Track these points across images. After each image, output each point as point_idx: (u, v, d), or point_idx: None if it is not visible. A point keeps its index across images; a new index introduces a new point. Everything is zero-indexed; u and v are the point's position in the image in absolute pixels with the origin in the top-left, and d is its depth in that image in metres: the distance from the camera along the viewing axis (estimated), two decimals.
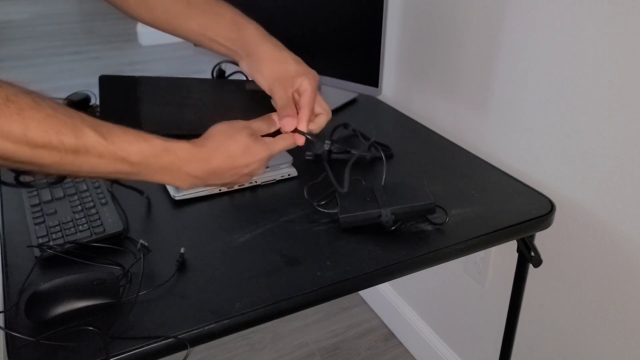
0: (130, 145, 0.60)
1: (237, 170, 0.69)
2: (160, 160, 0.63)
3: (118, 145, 0.59)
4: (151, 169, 0.63)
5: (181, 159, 0.64)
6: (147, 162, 0.62)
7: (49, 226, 0.83)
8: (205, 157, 0.67)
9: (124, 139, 0.60)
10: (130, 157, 0.60)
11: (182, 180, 0.66)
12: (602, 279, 0.97)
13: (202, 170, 0.67)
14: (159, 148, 0.63)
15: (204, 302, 0.72)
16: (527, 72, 1.02)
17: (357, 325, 1.73)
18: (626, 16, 0.83)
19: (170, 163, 0.64)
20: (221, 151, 0.68)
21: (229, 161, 0.68)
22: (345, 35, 1.17)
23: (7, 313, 0.69)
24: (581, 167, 0.96)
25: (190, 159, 0.65)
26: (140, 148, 0.61)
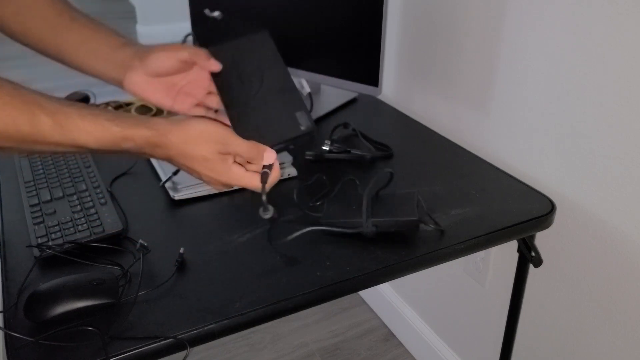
0: (87, 135, 0.61)
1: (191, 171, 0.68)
2: (119, 147, 0.63)
3: (76, 134, 0.60)
4: (112, 152, 0.64)
5: (139, 145, 0.64)
6: (105, 148, 0.63)
7: (48, 226, 0.83)
8: (162, 144, 0.65)
9: (82, 127, 0.60)
10: (88, 144, 0.61)
11: (149, 156, 0.67)
12: (602, 279, 0.96)
13: (160, 154, 0.66)
14: (118, 137, 0.62)
15: (204, 302, 0.72)
16: (527, 72, 1.02)
17: (357, 325, 1.73)
18: (626, 16, 0.83)
19: (128, 149, 0.64)
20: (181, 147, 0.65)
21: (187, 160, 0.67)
22: (345, 35, 1.16)
23: (6, 313, 0.69)
24: (581, 167, 0.96)
25: (148, 145, 0.64)
26: (98, 137, 0.61)
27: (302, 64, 1.25)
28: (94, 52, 0.71)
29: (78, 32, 0.72)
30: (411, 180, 1.00)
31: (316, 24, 1.20)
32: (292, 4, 1.22)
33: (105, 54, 0.71)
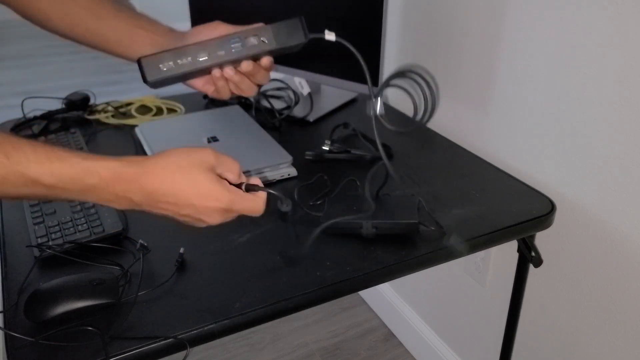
0: (40, 166, 0.53)
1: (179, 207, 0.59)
2: (80, 182, 0.55)
3: (24, 165, 0.52)
4: (71, 190, 0.55)
5: (105, 180, 0.56)
6: (63, 184, 0.54)
7: (48, 226, 0.83)
8: (141, 179, 0.57)
9: (34, 159, 0.53)
10: (41, 178, 0.53)
11: (111, 201, 0.57)
12: (602, 279, 0.96)
13: (136, 193, 0.57)
14: (77, 169, 0.54)
15: (204, 302, 0.72)
16: (527, 72, 1.02)
17: (357, 325, 1.73)
18: (626, 16, 0.83)
19: (93, 186, 0.55)
20: (164, 177, 0.58)
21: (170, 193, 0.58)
22: (345, 35, 1.16)
23: (6, 313, 0.69)
24: (581, 167, 0.96)
25: (117, 179, 0.56)
26: (54, 169, 0.53)
27: (302, 64, 1.25)
28: (140, 38, 0.72)
29: (123, 21, 0.73)
30: (411, 180, 1.00)
31: (316, 24, 1.20)
32: (292, 4, 1.22)
33: (150, 40, 0.72)
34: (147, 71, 0.67)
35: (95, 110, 1.29)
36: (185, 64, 0.68)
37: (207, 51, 0.68)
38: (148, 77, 0.67)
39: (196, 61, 0.68)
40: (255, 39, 0.71)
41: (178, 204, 0.59)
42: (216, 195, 0.60)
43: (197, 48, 0.68)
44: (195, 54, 0.68)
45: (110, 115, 1.27)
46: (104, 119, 1.25)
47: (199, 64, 0.68)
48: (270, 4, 1.24)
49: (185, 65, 0.68)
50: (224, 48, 0.69)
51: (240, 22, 1.39)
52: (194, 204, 0.59)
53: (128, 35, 0.72)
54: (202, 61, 0.68)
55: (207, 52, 0.68)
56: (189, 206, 0.59)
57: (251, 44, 0.71)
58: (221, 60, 0.69)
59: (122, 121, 1.24)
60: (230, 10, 1.32)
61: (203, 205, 0.59)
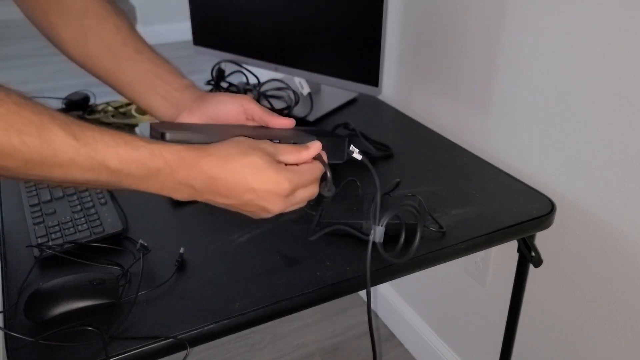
0: (107, 148, 0.52)
1: (238, 193, 0.58)
2: (144, 166, 0.54)
3: (92, 146, 0.51)
4: (134, 176, 0.54)
5: (170, 164, 0.55)
6: (128, 168, 0.53)
7: (48, 226, 0.83)
8: (202, 164, 0.56)
9: (101, 139, 0.52)
10: (107, 161, 0.52)
11: (173, 189, 0.56)
12: (602, 279, 0.96)
13: (197, 179, 0.56)
14: (143, 152, 0.53)
15: (204, 302, 0.72)
16: (527, 72, 1.02)
17: (357, 325, 1.73)
18: (627, 16, 0.83)
19: (157, 170, 0.54)
20: (224, 162, 0.57)
21: (230, 177, 0.57)
22: (345, 35, 1.16)
23: (6, 313, 0.69)
24: (581, 167, 0.96)
25: (182, 164, 0.55)
26: (120, 152, 0.52)
27: (302, 64, 1.25)
28: (153, 88, 0.68)
29: (142, 65, 0.69)
30: (411, 180, 1.00)
31: (316, 23, 1.20)
32: (292, 4, 1.22)
33: (165, 92, 0.69)
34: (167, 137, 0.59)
35: (95, 110, 1.29)
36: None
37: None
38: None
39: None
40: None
41: (238, 189, 0.57)
42: (275, 179, 0.57)
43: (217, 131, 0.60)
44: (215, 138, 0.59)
45: (110, 115, 1.27)
46: (104, 119, 1.25)
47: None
48: (270, 4, 1.24)
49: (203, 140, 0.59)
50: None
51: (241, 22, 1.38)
52: (253, 188, 0.57)
53: (142, 83, 0.69)
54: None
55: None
56: (249, 191, 0.57)
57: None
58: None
59: (122, 121, 1.24)
60: (230, 10, 1.32)
61: (263, 189, 0.57)
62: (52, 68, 3.66)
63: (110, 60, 0.69)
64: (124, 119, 1.26)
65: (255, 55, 1.32)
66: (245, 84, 1.39)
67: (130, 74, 0.69)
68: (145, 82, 0.68)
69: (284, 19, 1.24)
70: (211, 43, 1.40)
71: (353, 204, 0.86)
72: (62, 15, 0.69)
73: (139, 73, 0.69)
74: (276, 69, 1.30)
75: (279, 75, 1.39)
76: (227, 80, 1.38)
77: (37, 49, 3.94)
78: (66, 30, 0.69)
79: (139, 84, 0.69)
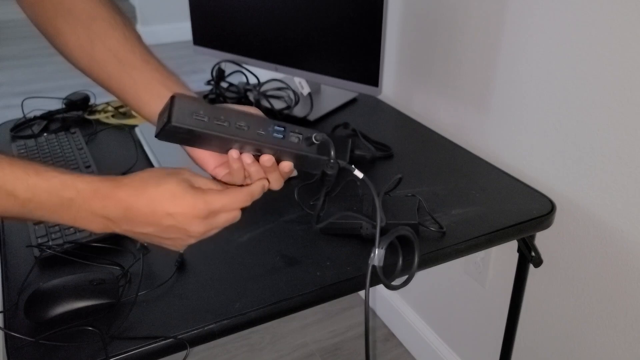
0: (16, 180, 0.52)
1: (156, 219, 0.57)
2: (56, 196, 0.54)
3: (1, 178, 0.52)
4: (45, 206, 0.54)
5: (83, 194, 0.55)
6: (39, 198, 0.53)
7: (48, 226, 0.83)
8: (117, 193, 0.56)
9: (10, 172, 0.52)
10: (16, 191, 0.52)
11: (87, 220, 0.56)
12: (602, 279, 0.96)
13: (111, 210, 0.56)
14: (54, 182, 0.54)
15: (204, 302, 0.72)
16: (527, 72, 1.02)
17: (357, 325, 1.73)
18: (627, 16, 0.83)
19: (69, 200, 0.54)
20: (139, 191, 0.57)
21: (146, 205, 0.57)
22: (345, 35, 1.16)
23: (6, 313, 0.69)
24: (581, 167, 0.96)
25: (95, 194, 0.55)
26: (30, 182, 0.53)
27: (302, 64, 1.25)
28: (160, 96, 0.67)
29: (148, 74, 0.68)
30: (411, 180, 1.00)
31: (316, 23, 1.20)
32: (292, 4, 1.22)
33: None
34: (177, 112, 0.57)
35: (96, 110, 1.29)
36: (219, 125, 0.59)
37: (248, 123, 0.60)
38: (174, 118, 0.57)
39: (232, 128, 0.59)
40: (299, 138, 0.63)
41: (155, 216, 0.57)
42: (191, 202, 0.58)
43: (238, 115, 0.60)
44: (235, 120, 0.60)
45: (111, 115, 1.27)
46: (104, 119, 1.25)
47: (233, 132, 0.60)
48: (270, 4, 1.24)
49: (218, 127, 0.59)
50: (265, 129, 0.61)
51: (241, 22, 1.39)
52: (170, 213, 0.57)
53: (149, 91, 0.68)
54: (238, 130, 0.60)
55: (248, 125, 0.60)
56: (167, 216, 0.57)
57: (292, 140, 0.62)
58: (256, 140, 0.61)
59: (122, 121, 1.25)
60: (230, 10, 1.32)
61: (180, 213, 0.57)
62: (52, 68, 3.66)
63: (116, 66, 0.68)
64: (124, 119, 1.26)
65: (255, 55, 1.32)
66: (245, 84, 1.39)
67: (138, 81, 0.68)
68: (152, 90, 0.68)
69: (284, 19, 1.25)
70: (211, 43, 1.40)
71: (353, 204, 0.87)
72: (69, 21, 0.68)
73: (146, 81, 0.68)
74: (276, 69, 1.30)
75: (279, 75, 1.39)
76: (227, 80, 1.38)
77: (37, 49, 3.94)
78: (72, 36, 0.69)
79: (145, 92, 0.68)
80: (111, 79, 0.69)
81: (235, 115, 0.60)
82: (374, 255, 0.71)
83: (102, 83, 0.70)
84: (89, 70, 0.70)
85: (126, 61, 0.68)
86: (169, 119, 0.57)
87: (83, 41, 0.68)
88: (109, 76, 0.69)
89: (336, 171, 0.65)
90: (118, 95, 0.70)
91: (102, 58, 0.68)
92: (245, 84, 1.39)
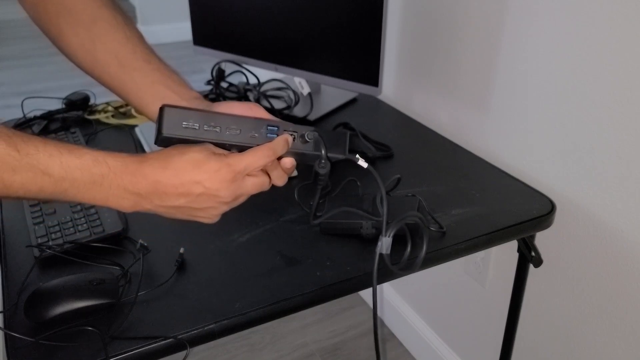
0: (50, 158, 0.53)
1: (186, 189, 0.58)
2: (88, 173, 0.54)
3: (34, 157, 0.52)
4: (79, 184, 0.54)
5: (114, 170, 0.56)
6: (72, 175, 0.54)
7: (48, 226, 0.83)
8: (144, 168, 0.57)
9: (44, 150, 0.53)
10: (50, 170, 0.53)
11: (119, 197, 0.57)
12: (602, 279, 0.96)
13: (142, 185, 0.57)
14: (86, 159, 0.54)
15: (204, 302, 0.72)
16: (527, 72, 1.02)
17: (357, 325, 1.73)
18: (627, 15, 0.83)
19: (101, 176, 0.55)
20: (165, 163, 0.58)
21: (174, 176, 0.57)
22: (345, 35, 1.16)
23: (6, 313, 0.69)
24: (581, 167, 0.96)
25: (125, 170, 0.56)
26: (63, 160, 0.53)
27: (302, 64, 1.25)
28: (161, 98, 0.67)
29: (149, 74, 0.69)
30: (411, 180, 1.00)
31: (316, 23, 1.20)
32: (292, 4, 1.22)
33: (173, 102, 0.68)
34: (167, 123, 0.58)
35: (95, 110, 1.29)
36: (210, 132, 0.60)
37: (239, 127, 0.61)
38: (164, 129, 0.58)
39: (224, 133, 0.60)
40: (294, 135, 0.64)
41: (184, 186, 0.58)
42: (216, 166, 0.58)
43: (229, 120, 0.61)
44: (226, 125, 0.60)
45: (110, 115, 1.27)
46: (104, 119, 1.25)
47: (225, 138, 0.60)
48: (271, 4, 1.24)
49: (209, 134, 0.60)
50: (258, 131, 0.62)
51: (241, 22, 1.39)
52: (199, 180, 0.58)
53: (150, 92, 0.68)
54: (230, 135, 0.60)
55: (240, 129, 0.61)
56: (196, 184, 0.58)
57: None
58: (250, 143, 0.61)
59: (122, 121, 1.25)
60: (230, 10, 1.32)
61: (207, 178, 0.58)
62: (52, 68, 3.66)
63: (118, 68, 0.68)
64: (124, 118, 1.26)
65: (255, 55, 1.32)
66: (245, 84, 1.39)
67: (139, 83, 0.69)
68: (154, 92, 0.68)
69: (284, 19, 1.24)
70: (211, 43, 1.40)
71: (353, 203, 0.86)
72: (71, 22, 0.68)
73: (148, 83, 0.69)
74: (276, 69, 1.30)
75: (279, 75, 1.39)
76: (227, 80, 1.38)
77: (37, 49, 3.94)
78: (75, 37, 0.69)
79: (147, 94, 0.69)
80: (113, 80, 0.69)
81: (226, 120, 0.61)
82: (381, 243, 0.71)
83: (105, 83, 0.70)
84: (92, 71, 0.70)
85: (127, 62, 0.68)
86: (160, 130, 0.58)
87: (85, 42, 0.69)
88: (111, 77, 0.69)
89: (328, 170, 0.66)
90: (121, 96, 0.71)
91: (103, 59, 0.69)
92: (245, 84, 1.39)
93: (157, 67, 0.70)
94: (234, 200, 0.61)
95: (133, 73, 0.68)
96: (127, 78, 0.69)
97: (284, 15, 1.24)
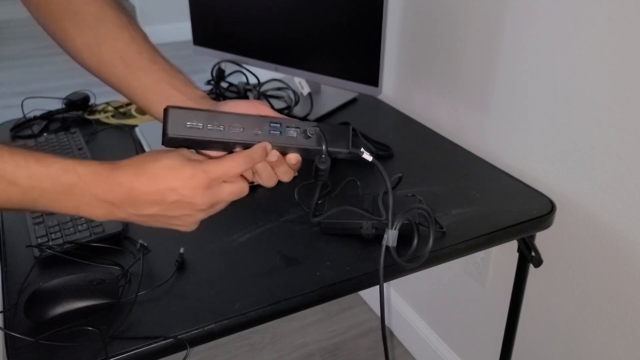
0: (17, 168, 0.51)
1: (160, 197, 0.56)
2: (57, 182, 0.53)
3: (0, 167, 0.51)
4: (48, 193, 0.53)
5: (84, 179, 0.54)
6: (41, 185, 0.52)
7: (48, 226, 0.83)
8: (117, 176, 0.55)
9: (10, 160, 0.51)
10: (18, 180, 0.51)
11: (90, 206, 0.55)
12: (602, 279, 0.96)
13: (115, 193, 0.55)
14: (55, 168, 0.53)
15: (204, 302, 0.72)
16: (527, 72, 1.02)
17: (357, 325, 1.73)
18: (627, 15, 0.83)
19: (71, 185, 0.53)
20: (139, 170, 0.56)
21: (149, 182, 0.56)
22: (345, 35, 1.16)
23: (6, 313, 0.69)
24: (581, 167, 0.96)
25: (97, 178, 0.54)
26: (31, 170, 0.52)
27: (302, 64, 1.25)
28: (167, 98, 0.67)
29: (155, 74, 0.68)
30: (411, 180, 1.00)
31: (316, 23, 1.20)
32: (292, 4, 1.22)
33: (179, 102, 0.67)
34: (171, 124, 0.59)
35: (95, 110, 1.29)
36: (214, 130, 0.60)
37: (242, 125, 0.61)
38: (169, 130, 0.58)
39: (228, 132, 0.60)
40: (297, 131, 0.63)
41: (159, 193, 0.56)
42: (191, 172, 0.56)
43: (232, 118, 0.61)
44: (229, 123, 0.60)
45: (110, 115, 1.27)
46: (104, 119, 1.25)
47: (229, 136, 0.60)
48: (271, 4, 1.24)
49: (213, 132, 0.60)
50: (261, 128, 0.62)
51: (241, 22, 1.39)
52: (173, 187, 0.56)
53: (156, 93, 0.68)
54: (233, 133, 0.61)
55: (243, 127, 0.61)
56: (171, 191, 0.56)
57: (291, 134, 0.63)
58: (254, 140, 0.61)
59: (122, 121, 1.25)
60: (230, 10, 1.32)
61: (182, 186, 0.56)
62: (52, 68, 3.66)
63: (124, 68, 0.68)
64: (124, 119, 1.26)
65: (255, 55, 1.32)
66: (245, 84, 1.39)
67: (145, 83, 0.68)
68: (160, 91, 0.68)
69: (284, 19, 1.24)
70: (211, 43, 1.40)
71: (353, 203, 0.86)
72: (76, 23, 0.68)
73: (153, 83, 0.68)
74: (276, 69, 1.30)
75: (279, 75, 1.39)
76: (227, 80, 1.38)
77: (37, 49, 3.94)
78: (80, 38, 0.68)
79: (153, 94, 0.68)
80: (119, 80, 0.69)
81: (230, 119, 0.61)
82: (387, 236, 0.71)
83: (110, 84, 0.70)
84: (97, 71, 0.70)
85: (133, 63, 0.68)
86: (165, 132, 0.59)
87: (90, 43, 0.69)
88: (116, 77, 0.69)
89: (329, 165, 0.66)
90: (126, 96, 0.71)
91: (109, 60, 0.68)
92: (245, 84, 1.39)
93: (163, 66, 0.70)
94: (211, 207, 0.60)
95: (139, 73, 0.68)
96: (132, 78, 0.69)
97: (284, 15, 1.24)
